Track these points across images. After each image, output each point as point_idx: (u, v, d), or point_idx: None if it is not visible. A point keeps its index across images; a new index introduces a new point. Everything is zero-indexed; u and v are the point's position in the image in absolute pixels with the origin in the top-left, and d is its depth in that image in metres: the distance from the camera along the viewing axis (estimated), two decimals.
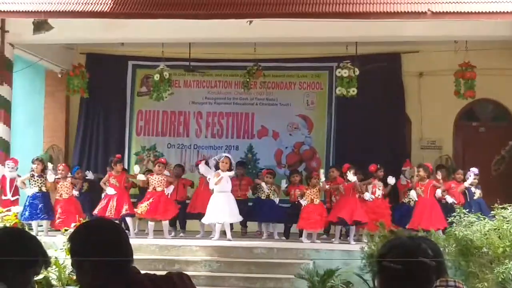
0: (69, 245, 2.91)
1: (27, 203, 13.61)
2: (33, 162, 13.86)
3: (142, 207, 13.52)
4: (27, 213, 13.43)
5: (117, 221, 11.80)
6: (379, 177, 14.05)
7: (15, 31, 13.70)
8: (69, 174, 14.27)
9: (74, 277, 9.10)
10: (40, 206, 13.55)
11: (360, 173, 13.81)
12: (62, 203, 13.82)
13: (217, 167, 13.55)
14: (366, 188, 13.84)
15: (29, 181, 13.83)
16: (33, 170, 13.79)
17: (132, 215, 13.87)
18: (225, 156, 13.68)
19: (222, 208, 13.25)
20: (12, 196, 13.63)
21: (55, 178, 13.85)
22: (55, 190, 13.96)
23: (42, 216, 13.56)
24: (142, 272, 2.89)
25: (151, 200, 13.54)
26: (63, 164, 14.66)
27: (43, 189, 13.79)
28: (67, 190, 13.95)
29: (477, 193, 13.55)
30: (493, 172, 13.32)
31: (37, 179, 13.78)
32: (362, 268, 10.32)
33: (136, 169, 14.41)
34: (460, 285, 3.13)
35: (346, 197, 13.41)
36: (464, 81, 13.86)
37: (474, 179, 13.52)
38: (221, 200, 13.29)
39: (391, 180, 14.10)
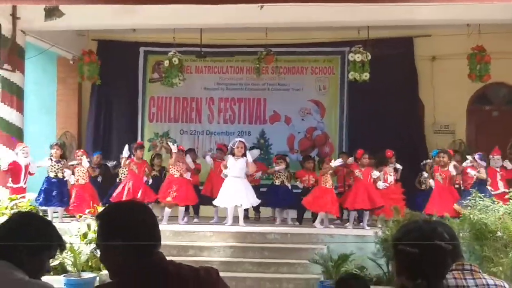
0: (97, 224, 2.88)
1: (42, 188, 13.62)
2: (51, 147, 13.85)
3: (170, 195, 13.60)
4: (41, 199, 13.45)
5: None
6: (391, 163, 14.01)
7: (27, 18, 13.67)
8: (88, 160, 14.25)
9: (98, 256, 9.10)
10: (54, 193, 13.55)
11: (373, 158, 13.79)
12: (78, 189, 13.81)
13: (232, 153, 13.54)
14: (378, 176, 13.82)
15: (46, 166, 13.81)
16: (51, 155, 13.77)
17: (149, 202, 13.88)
18: (239, 141, 13.63)
19: (235, 193, 13.21)
20: (25, 183, 13.65)
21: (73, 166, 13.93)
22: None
23: (56, 203, 13.54)
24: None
25: (174, 188, 13.63)
26: (82, 150, 14.62)
27: (59, 175, 13.73)
28: (83, 176, 13.95)
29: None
30: (508, 156, 13.18)
31: (54, 164, 13.73)
32: (376, 253, 10.34)
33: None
34: (476, 268, 3.14)
35: (362, 182, 13.38)
36: (479, 65, 13.72)
37: (472, 163, 13.23)
38: (234, 185, 13.24)
39: (397, 166, 14.04)
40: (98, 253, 2.90)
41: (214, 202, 13.62)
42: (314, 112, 16.50)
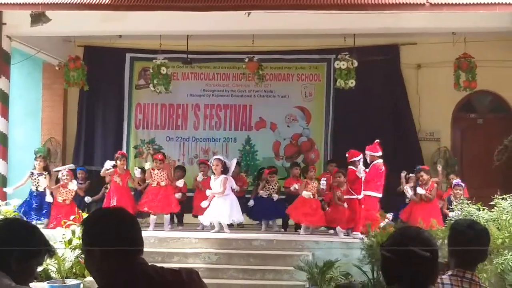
0: (82, 229, 2.94)
1: (25, 199, 13.55)
2: (35, 159, 13.76)
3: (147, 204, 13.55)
4: (22, 210, 13.27)
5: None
6: None
7: (13, 24, 13.64)
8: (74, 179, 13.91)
9: (82, 263, 9.07)
10: (34, 206, 13.44)
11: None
12: (63, 208, 13.42)
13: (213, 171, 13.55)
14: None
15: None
16: (34, 168, 13.64)
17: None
18: (215, 158, 13.60)
19: (221, 211, 13.18)
20: None
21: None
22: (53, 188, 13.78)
23: (34, 217, 13.25)
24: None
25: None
26: (67, 170, 14.02)
27: (40, 188, 13.58)
28: (70, 197, 13.64)
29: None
30: (496, 162, 13.22)
31: (36, 178, 13.60)
32: (361, 260, 10.36)
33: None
34: (476, 279, 3.16)
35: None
36: (466, 72, 13.77)
37: (457, 190, 13.18)
38: (218, 204, 13.22)
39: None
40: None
41: (200, 218, 13.58)
42: (299, 118, 16.50)
